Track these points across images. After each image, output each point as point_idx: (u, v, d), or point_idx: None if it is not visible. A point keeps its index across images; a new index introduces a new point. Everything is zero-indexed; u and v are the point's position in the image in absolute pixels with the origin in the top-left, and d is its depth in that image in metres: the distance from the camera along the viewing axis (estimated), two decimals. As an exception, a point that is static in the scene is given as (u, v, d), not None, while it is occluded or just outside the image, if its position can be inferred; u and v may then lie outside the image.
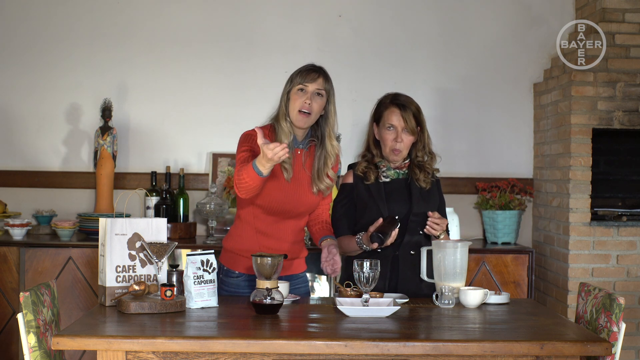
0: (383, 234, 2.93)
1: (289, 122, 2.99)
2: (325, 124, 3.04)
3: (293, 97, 2.97)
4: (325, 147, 3.05)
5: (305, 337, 2.38)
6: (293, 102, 2.97)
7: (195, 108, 4.72)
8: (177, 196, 4.55)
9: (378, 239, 2.92)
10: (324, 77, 2.99)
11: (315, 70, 2.99)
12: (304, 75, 2.97)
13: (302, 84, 2.96)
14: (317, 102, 2.97)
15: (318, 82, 2.97)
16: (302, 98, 2.96)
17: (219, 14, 4.73)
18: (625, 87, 4.27)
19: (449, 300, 2.86)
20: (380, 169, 3.22)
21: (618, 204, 4.56)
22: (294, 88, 2.98)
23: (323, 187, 3.07)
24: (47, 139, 4.69)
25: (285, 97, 3.00)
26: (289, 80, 3.02)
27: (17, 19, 4.67)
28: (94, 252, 4.20)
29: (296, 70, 3.02)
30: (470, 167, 4.81)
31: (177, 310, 2.67)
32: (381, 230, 2.94)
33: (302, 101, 2.96)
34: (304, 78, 2.96)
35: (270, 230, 3.05)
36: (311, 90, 2.96)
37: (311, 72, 2.98)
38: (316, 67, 3.02)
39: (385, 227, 2.95)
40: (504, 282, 4.33)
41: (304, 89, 2.96)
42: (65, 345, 2.30)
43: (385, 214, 3.10)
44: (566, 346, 2.35)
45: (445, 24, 4.80)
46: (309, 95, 2.96)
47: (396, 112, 3.16)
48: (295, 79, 2.98)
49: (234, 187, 2.87)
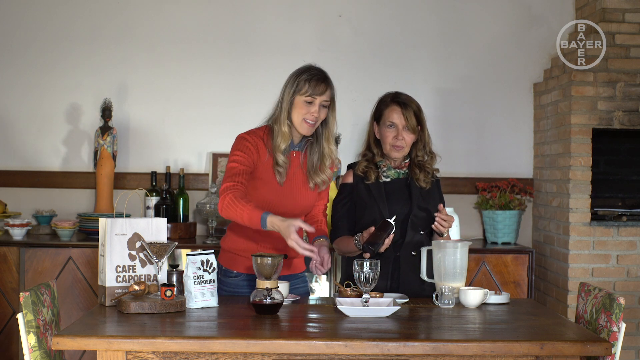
0: (373, 245, 2.91)
1: (289, 126, 2.96)
2: (324, 127, 3.02)
3: (299, 105, 2.93)
4: (322, 147, 3.03)
5: (305, 337, 2.38)
6: (298, 109, 2.93)
7: (195, 108, 4.72)
8: (177, 196, 4.55)
9: (369, 250, 2.91)
10: (331, 87, 2.96)
11: (323, 80, 2.93)
12: (313, 87, 2.90)
13: (312, 96, 2.91)
14: (323, 112, 2.96)
15: (326, 94, 2.94)
16: (310, 109, 2.92)
17: (219, 14, 4.73)
18: (625, 87, 4.27)
19: (449, 300, 2.86)
20: (381, 168, 3.22)
21: (618, 204, 4.56)
22: (301, 97, 2.92)
23: (319, 180, 3.05)
24: (47, 139, 4.70)
25: (288, 102, 2.94)
26: (292, 83, 2.94)
27: (17, 19, 4.67)
28: (94, 252, 4.20)
29: (302, 76, 2.93)
30: (470, 167, 4.81)
31: (177, 310, 2.67)
32: (372, 241, 2.92)
33: (309, 112, 2.93)
34: (313, 90, 2.90)
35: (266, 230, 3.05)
36: (319, 102, 2.93)
37: (320, 84, 2.92)
38: (323, 75, 2.95)
39: (377, 236, 2.93)
40: (504, 282, 4.33)
41: (312, 102, 2.92)
42: (65, 345, 2.30)
43: (385, 214, 3.09)
44: (566, 346, 2.35)
45: (445, 24, 4.80)
46: (317, 108, 2.93)
47: (397, 110, 3.16)
48: (303, 88, 2.91)
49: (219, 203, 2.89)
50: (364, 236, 3.01)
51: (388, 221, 2.96)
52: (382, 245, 2.93)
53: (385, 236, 2.93)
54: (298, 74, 2.95)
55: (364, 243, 2.96)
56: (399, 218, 3.07)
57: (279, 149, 2.96)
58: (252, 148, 2.95)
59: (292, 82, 2.95)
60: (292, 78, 2.96)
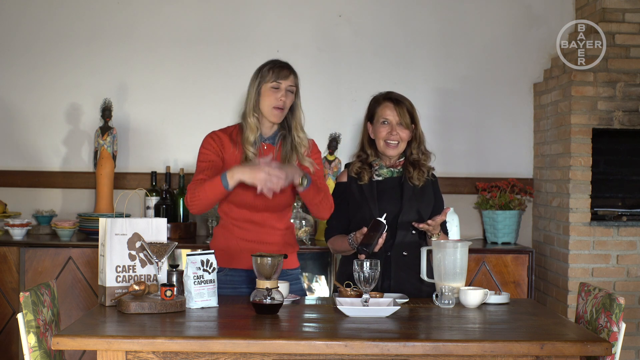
0: (367, 246, 2.93)
1: (256, 117, 3.05)
2: (292, 117, 3.11)
3: (266, 94, 3.03)
4: (293, 137, 3.10)
5: (305, 337, 2.38)
6: (266, 98, 3.03)
7: (195, 108, 4.72)
8: (177, 196, 4.55)
9: (363, 251, 2.93)
10: (294, 74, 3.08)
11: (286, 67, 3.06)
12: (277, 73, 3.02)
13: (276, 81, 3.02)
14: (290, 98, 3.06)
15: (290, 79, 3.05)
16: (277, 94, 3.02)
17: (218, 14, 4.73)
18: (625, 87, 4.27)
19: (449, 300, 2.86)
20: (374, 167, 3.22)
21: (618, 204, 4.56)
22: (266, 84, 3.02)
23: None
24: (47, 139, 4.70)
25: (255, 93, 3.04)
26: (257, 75, 3.05)
27: (17, 19, 4.67)
28: (94, 252, 4.20)
29: (265, 66, 3.05)
30: (470, 167, 4.81)
31: (177, 310, 2.67)
32: (365, 242, 2.94)
33: (276, 97, 3.02)
34: (277, 75, 3.02)
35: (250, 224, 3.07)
36: (284, 87, 3.03)
37: (284, 69, 3.04)
38: (285, 63, 3.07)
39: (370, 237, 2.95)
40: (504, 282, 4.33)
41: (278, 87, 3.02)
42: (65, 345, 2.30)
43: (375, 214, 3.09)
44: (566, 346, 2.35)
45: (445, 24, 4.80)
46: (283, 92, 3.03)
47: (390, 107, 3.17)
48: (266, 76, 3.02)
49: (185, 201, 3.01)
50: (357, 237, 3.02)
51: (379, 220, 2.97)
52: (375, 245, 2.94)
53: (378, 236, 2.95)
54: (261, 67, 3.08)
55: (357, 245, 2.97)
56: (389, 217, 3.07)
57: (248, 141, 3.04)
58: (214, 143, 3.06)
59: (256, 75, 3.08)
60: (256, 72, 3.08)
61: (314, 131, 4.63)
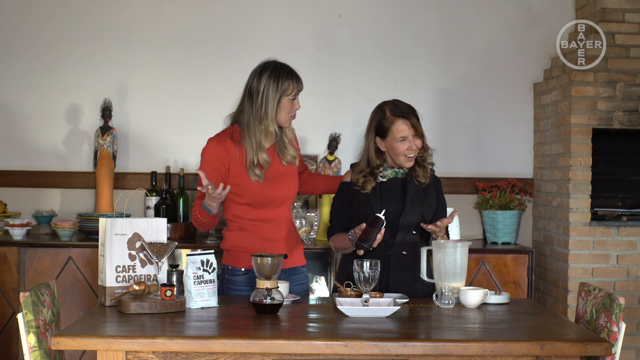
0: (365, 241, 2.94)
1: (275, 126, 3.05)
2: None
3: (286, 104, 3.04)
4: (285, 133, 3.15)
5: (305, 337, 2.38)
6: (286, 109, 3.05)
7: (195, 108, 4.72)
8: (177, 196, 4.55)
9: (362, 247, 2.94)
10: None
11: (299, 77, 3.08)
12: (297, 86, 3.06)
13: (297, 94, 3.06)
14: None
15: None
16: (294, 105, 3.08)
17: (218, 14, 4.73)
18: (625, 87, 4.27)
19: (449, 300, 2.86)
20: (377, 169, 3.22)
21: (618, 204, 4.56)
22: (287, 97, 3.03)
23: (289, 157, 3.15)
24: (47, 138, 4.70)
25: (274, 102, 3.01)
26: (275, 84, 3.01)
27: (17, 19, 4.67)
28: (94, 252, 4.20)
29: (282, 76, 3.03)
30: (470, 167, 4.81)
31: (177, 310, 2.67)
32: (364, 237, 2.95)
33: (293, 108, 3.08)
34: (298, 89, 3.06)
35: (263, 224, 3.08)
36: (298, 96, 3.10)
37: (299, 81, 3.08)
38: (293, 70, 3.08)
39: (368, 232, 2.96)
40: (504, 282, 4.33)
41: (296, 98, 3.07)
42: (65, 345, 2.30)
43: (377, 212, 3.09)
44: (566, 346, 2.35)
45: (445, 24, 4.80)
46: (297, 101, 3.09)
47: (405, 123, 3.13)
48: (288, 89, 3.02)
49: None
50: (356, 232, 3.03)
51: (378, 216, 2.98)
52: (374, 241, 2.95)
53: (377, 232, 2.96)
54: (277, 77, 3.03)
55: (356, 240, 2.97)
56: (390, 217, 3.07)
57: (262, 148, 3.03)
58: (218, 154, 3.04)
59: (274, 83, 3.01)
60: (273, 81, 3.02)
61: (314, 131, 4.67)
